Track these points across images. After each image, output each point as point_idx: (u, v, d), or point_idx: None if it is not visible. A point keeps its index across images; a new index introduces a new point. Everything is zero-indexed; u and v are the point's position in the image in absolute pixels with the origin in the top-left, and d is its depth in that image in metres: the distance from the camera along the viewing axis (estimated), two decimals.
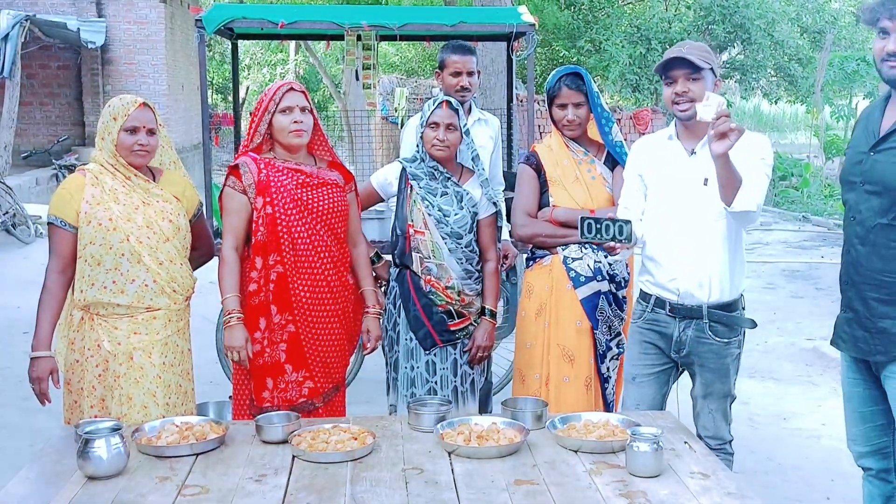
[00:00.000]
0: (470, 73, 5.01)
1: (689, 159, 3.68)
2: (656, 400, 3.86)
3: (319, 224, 3.90)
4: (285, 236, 3.83)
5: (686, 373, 3.91)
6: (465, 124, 4.19)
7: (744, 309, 3.78)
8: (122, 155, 3.67)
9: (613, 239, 3.55)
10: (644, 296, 3.85)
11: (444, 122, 4.11)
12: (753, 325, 3.76)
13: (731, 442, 3.85)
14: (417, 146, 4.25)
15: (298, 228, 3.85)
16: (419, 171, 4.20)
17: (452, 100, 4.19)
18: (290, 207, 3.84)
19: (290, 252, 3.84)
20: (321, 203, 3.90)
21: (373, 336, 4.11)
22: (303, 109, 3.84)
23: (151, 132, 3.69)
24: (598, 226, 3.56)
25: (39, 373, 3.65)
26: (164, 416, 3.52)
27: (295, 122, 3.82)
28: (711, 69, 3.64)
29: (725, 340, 3.70)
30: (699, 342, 3.71)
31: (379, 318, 4.15)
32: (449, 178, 4.19)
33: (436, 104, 4.14)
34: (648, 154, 3.83)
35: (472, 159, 4.26)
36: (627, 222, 3.54)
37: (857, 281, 3.33)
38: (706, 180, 3.58)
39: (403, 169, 4.26)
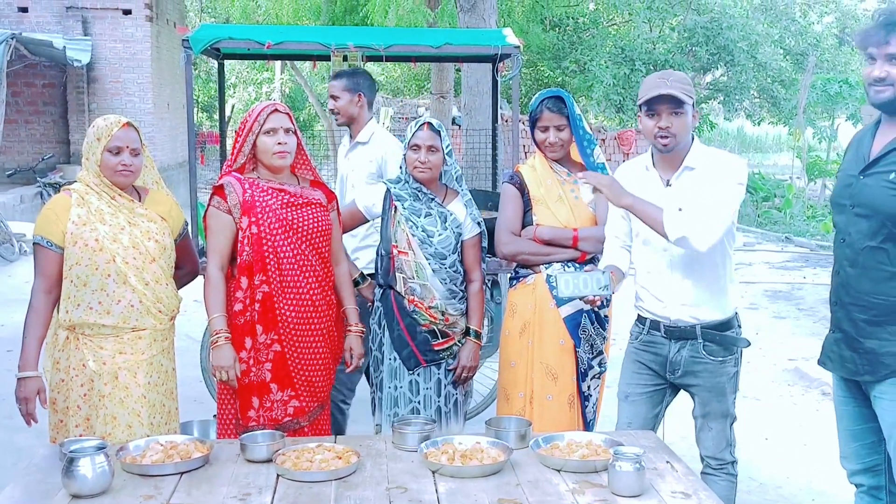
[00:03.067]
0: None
1: (665, 190, 3.72)
2: (648, 419, 3.89)
3: (305, 243, 3.91)
4: (271, 256, 3.85)
5: (680, 394, 3.94)
6: (448, 145, 4.22)
7: (740, 327, 3.80)
8: (107, 175, 3.68)
9: (591, 293, 3.65)
10: (640, 319, 3.90)
11: (425, 145, 4.12)
12: (747, 343, 3.78)
13: (733, 463, 3.84)
14: (401, 167, 4.27)
15: (284, 248, 3.87)
16: (403, 192, 4.21)
17: (434, 121, 4.21)
18: (276, 227, 3.85)
19: (275, 272, 3.85)
20: (306, 222, 3.91)
21: (356, 354, 4.12)
22: (287, 131, 3.85)
23: (135, 152, 3.70)
24: (575, 282, 3.64)
25: (26, 393, 3.66)
26: (148, 436, 3.51)
27: (279, 143, 3.83)
28: (692, 102, 3.66)
29: (720, 359, 3.73)
30: (694, 362, 3.74)
31: (362, 337, 4.16)
32: (433, 199, 4.21)
33: (417, 126, 4.17)
34: (628, 182, 3.83)
35: (457, 179, 4.28)
36: (604, 273, 3.62)
37: (846, 302, 3.37)
38: (680, 210, 3.62)
39: (388, 190, 4.28)
